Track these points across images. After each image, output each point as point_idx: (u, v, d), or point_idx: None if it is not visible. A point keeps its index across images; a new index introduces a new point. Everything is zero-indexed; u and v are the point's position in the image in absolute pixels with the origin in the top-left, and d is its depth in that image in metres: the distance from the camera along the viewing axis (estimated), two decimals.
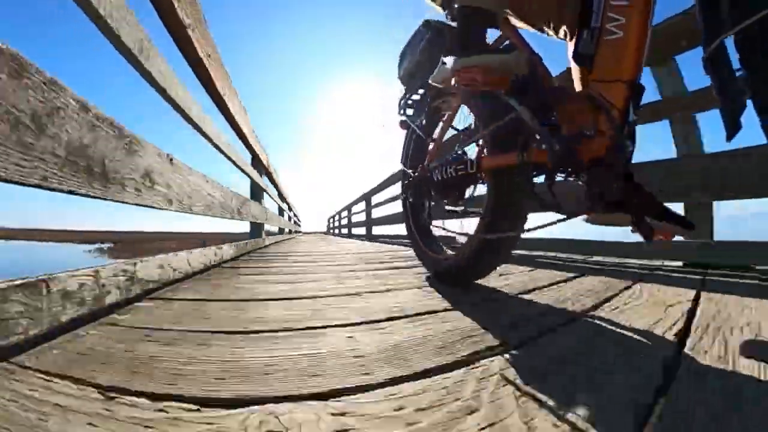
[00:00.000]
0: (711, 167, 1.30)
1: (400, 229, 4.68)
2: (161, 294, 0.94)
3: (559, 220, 0.74)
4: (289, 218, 7.74)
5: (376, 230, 6.09)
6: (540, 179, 0.82)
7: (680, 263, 1.48)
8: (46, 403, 0.37)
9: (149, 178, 0.95)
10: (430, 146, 1.17)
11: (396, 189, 4.71)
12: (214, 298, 0.91)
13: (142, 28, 0.92)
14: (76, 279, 0.65)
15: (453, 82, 0.86)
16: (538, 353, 0.52)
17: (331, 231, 13.43)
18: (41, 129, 0.56)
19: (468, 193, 1.05)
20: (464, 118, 1.12)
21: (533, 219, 0.90)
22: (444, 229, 1.19)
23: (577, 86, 0.73)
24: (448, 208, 1.11)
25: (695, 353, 0.50)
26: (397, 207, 4.62)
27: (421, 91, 1.29)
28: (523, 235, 0.89)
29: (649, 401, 0.37)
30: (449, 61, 0.88)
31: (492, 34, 0.95)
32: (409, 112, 1.34)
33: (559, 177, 0.77)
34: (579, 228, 0.98)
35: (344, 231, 10.32)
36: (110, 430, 0.33)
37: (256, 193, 3.28)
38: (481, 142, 0.99)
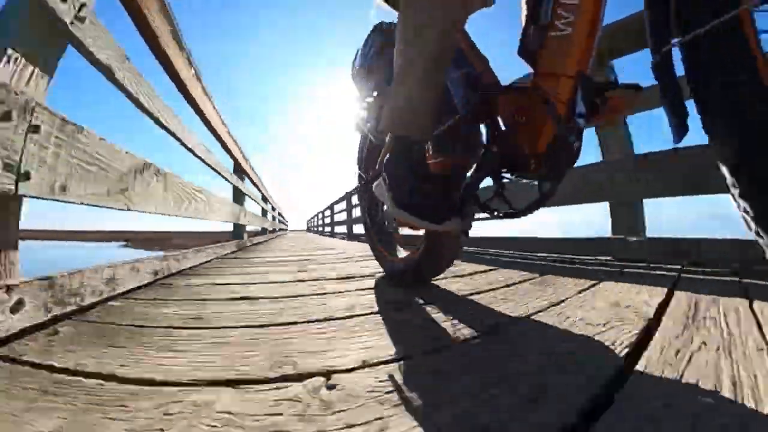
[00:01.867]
0: None
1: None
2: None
3: (489, 218, 0.76)
4: (273, 218, 7.73)
5: (357, 229, 6.10)
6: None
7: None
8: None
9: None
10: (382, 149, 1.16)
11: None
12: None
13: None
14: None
15: None
16: None
17: (311, 229, 16.44)
18: None
19: None
20: None
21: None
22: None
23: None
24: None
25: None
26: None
27: (375, 93, 1.28)
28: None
29: None
30: (387, 202, 0.80)
31: None
32: (363, 114, 1.33)
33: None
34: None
35: (327, 230, 10.36)
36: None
37: (238, 197, 3.45)
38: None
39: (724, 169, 0.43)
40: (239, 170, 3.49)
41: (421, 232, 0.96)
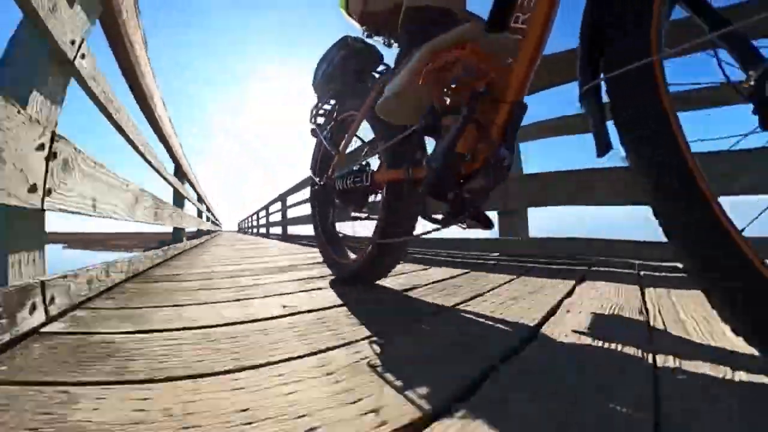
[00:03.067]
0: None
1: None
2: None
3: (435, 229, 0.82)
4: (207, 219, 7.22)
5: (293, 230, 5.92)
6: None
7: None
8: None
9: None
10: (336, 156, 1.20)
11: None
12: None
13: None
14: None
15: (423, 74, 0.73)
16: None
17: (243, 230, 17.17)
18: None
19: (371, 199, 1.10)
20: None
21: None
22: (344, 234, 1.24)
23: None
24: (353, 214, 1.16)
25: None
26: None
27: (332, 101, 1.31)
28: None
29: None
30: (412, 57, 0.77)
31: None
32: (320, 121, 1.36)
33: None
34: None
35: (262, 230, 9.87)
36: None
37: (178, 200, 3.40)
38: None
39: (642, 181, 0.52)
40: (179, 174, 3.25)
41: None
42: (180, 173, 3.47)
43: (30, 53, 0.77)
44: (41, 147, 0.70)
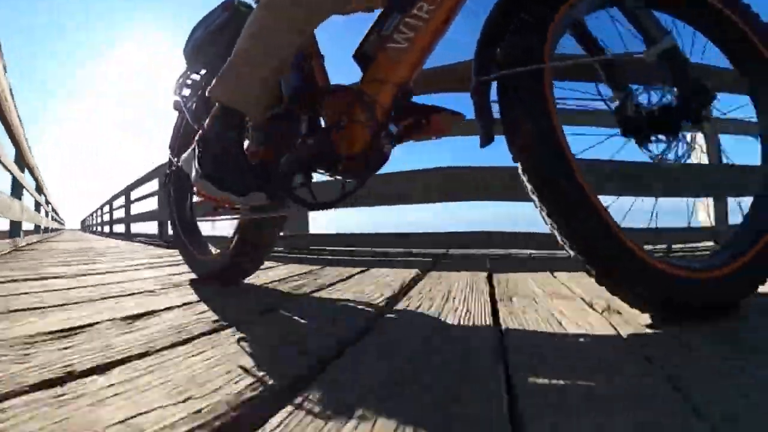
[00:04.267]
0: None
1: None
2: None
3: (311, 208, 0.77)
4: (38, 205, 5.39)
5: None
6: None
7: None
8: None
9: None
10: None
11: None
12: None
13: None
14: None
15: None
16: None
17: (85, 228, 15.91)
18: None
19: None
20: None
21: None
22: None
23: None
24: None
25: None
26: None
27: (202, 71, 1.13)
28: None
29: None
30: (192, 172, 0.77)
31: None
32: (186, 92, 1.16)
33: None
34: None
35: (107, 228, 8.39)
36: None
37: None
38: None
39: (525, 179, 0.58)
40: None
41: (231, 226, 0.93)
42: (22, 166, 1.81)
43: None
44: None
